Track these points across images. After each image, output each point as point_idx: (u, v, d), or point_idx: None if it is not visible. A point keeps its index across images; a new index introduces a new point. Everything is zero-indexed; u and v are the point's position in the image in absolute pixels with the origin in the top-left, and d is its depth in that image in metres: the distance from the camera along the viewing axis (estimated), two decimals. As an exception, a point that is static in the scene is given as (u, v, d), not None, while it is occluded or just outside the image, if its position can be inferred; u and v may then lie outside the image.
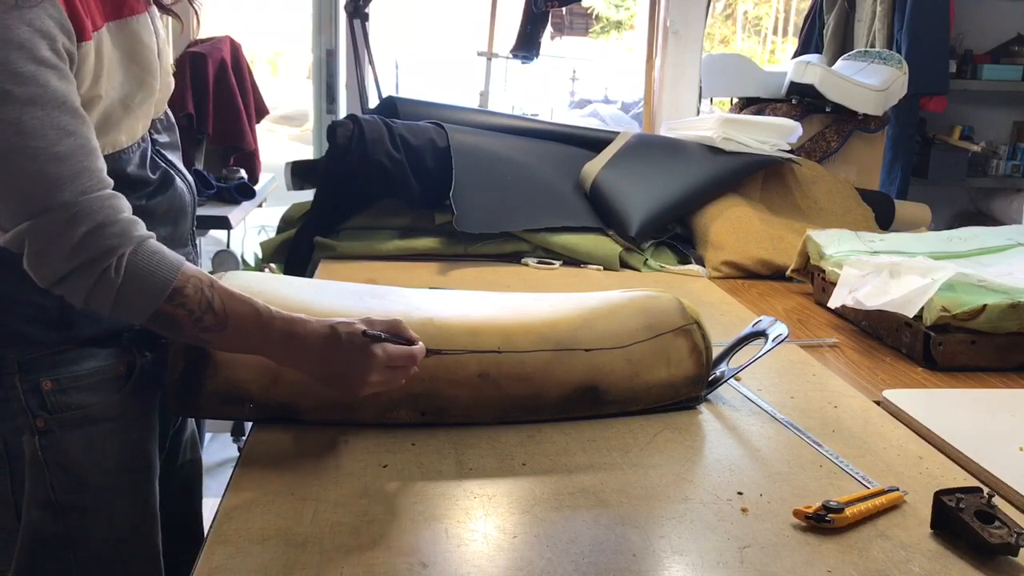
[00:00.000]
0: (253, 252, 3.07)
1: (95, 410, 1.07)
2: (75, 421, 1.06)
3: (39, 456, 1.05)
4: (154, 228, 0.99)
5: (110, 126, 1.01)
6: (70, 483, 1.07)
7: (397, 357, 0.97)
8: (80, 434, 1.07)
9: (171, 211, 1.13)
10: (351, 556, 0.79)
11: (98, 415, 1.08)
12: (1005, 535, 0.81)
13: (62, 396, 1.05)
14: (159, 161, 1.12)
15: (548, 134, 2.28)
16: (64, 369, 1.05)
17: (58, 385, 1.05)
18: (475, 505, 0.88)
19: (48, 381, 1.04)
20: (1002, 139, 3.67)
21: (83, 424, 1.07)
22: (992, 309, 1.34)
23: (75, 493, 1.07)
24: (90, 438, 1.08)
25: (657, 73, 3.03)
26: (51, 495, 1.06)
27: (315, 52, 3.14)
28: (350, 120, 1.99)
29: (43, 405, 1.05)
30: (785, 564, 0.80)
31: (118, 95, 1.02)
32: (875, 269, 1.48)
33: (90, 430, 1.07)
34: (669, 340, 1.13)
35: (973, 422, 1.12)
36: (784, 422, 1.12)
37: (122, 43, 1.03)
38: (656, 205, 1.99)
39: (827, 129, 2.41)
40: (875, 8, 3.22)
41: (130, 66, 1.04)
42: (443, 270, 1.79)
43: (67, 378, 1.05)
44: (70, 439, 1.06)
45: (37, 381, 1.04)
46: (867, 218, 2.13)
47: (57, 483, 1.06)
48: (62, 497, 1.06)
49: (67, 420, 1.06)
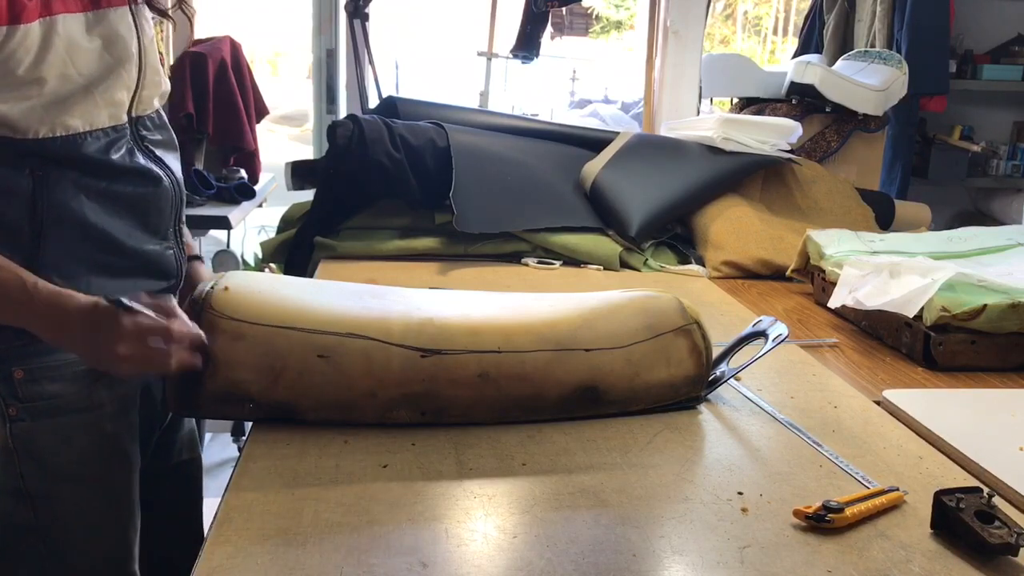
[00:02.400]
0: (253, 252, 3.07)
1: (65, 400, 1.09)
2: (46, 411, 1.09)
3: (9, 444, 1.08)
4: (116, 213, 1.06)
5: (62, 109, 1.04)
6: (39, 472, 1.09)
7: (147, 329, 0.96)
8: (50, 423, 1.09)
9: (141, 202, 1.14)
10: (351, 556, 0.79)
11: (68, 405, 1.10)
12: (1005, 535, 0.81)
13: (33, 386, 1.07)
14: (141, 156, 1.15)
15: (548, 134, 2.28)
16: (36, 359, 1.07)
17: (29, 375, 1.07)
18: (475, 505, 0.88)
19: (20, 370, 1.07)
20: (1002, 139, 3.67)
21: (53, 414, 1.09)
22: (992, 309, 1.34)
23: (44, 482, 1.10)
24: (60, 428, 1.10)
25: (657, 73, 3.03)
26: (20, 483, 1.09)
27: (315, 52, 3.14)
28: (350, 120, 1.98)
29: (14, 393, 1.07)
30: (785, 564, 0.80)
31: (83, 80, 1.05)
32: (875, 269, 1.48)
33: (60, 420, 1.10)
34: (669, 340, 1.13)
35: (973, 422, 1.12)
36: (784, 422, 1.12)
37: (100, 32, 1.07)
38: (656, 205, 1.99)
39: (827, 129, 2.41)
40: (875, 8, 3.22)
41: (102, 54, 1.08)
42: (443, 270, 1.79)
43: (38, 368, 1.07)
44: (40, 428, 1.09)
45: (9, 370, 1.07)
46: (867, 218, 2.13)
47: (26, 471, 1.09)
48: (31, 485, 1.09)
49: (38, 409, 1.08)
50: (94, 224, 1.09)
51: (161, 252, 1.19)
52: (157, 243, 1.18)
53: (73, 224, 1.07)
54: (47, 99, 1.03)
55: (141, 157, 1.15)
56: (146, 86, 1.15)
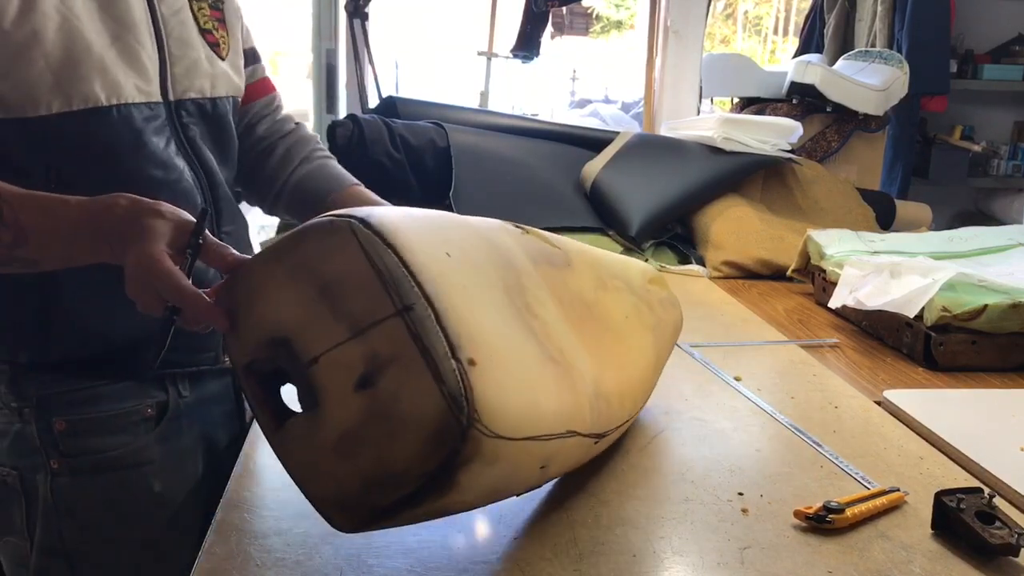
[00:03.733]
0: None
1: (111, 457, 0.97)
2: (89, 467, 0.97)
3: (49, 499, 0.97)
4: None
5: (74, 73, 0.87)
6: (79, 532, 0.98)
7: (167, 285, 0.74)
8: (93, 481, 0.97)
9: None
10: (351, 556, 0.79)
11: (113, 462, 0.98)
12: (1006, 536, 0.81)
13: (75, 439, 0.96)
14: (175, 148, 0.98)
15: (548, 134, 2.28)
16: (78, 409, 0.96)
17: (71, 427, 0.96)
18: (475, 505, 0.88)
19: (61, 421, 0.95)
20: (1003, 139, 3.67)
21: (97, 471, 0.97)
22: (993, 309, 1.34)
23: (84, 543, 0.98)
24: (103, 486, 0.98)
25: (657, 73, 3.03)
26: (58, 542, 0.98)
27: (315, 52, 3.13)
28: (350, 120, 1.99)
29: (56, 446, 0.96)
30: (785, 565, 0.80)
31: (92, 36, 0.88)
32: (876, 269, 1.48)
33: (105, 477, 0.98)
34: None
35: (974, 422, 1.12)
36: (784, 422, 1.12)
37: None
38: (656, 205, 1.98)
39: (827, 129, 2.41)
40: (875, 8, 3.22)
41: (104, 18, 0.91)
42: (443, 270, 1.79)
43: (80, 420, 0.96)
44: (82, 485, 0.97)
45: (50, 420, 0.95)
46: (868, 218, 2.13)
47: (66, 531, 0.98)
48: (71, 547, 0.98)
49: (80, 465, 0.97)
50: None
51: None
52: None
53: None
54: (54, 61, 0.85)
55: (174, 151, 0.98)
56: (177, 60, 0.98)
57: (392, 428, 0.64)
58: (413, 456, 0.64)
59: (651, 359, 0.96)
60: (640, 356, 0.93)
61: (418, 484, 0.65)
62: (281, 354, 0.68)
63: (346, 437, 0.65)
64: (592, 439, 0.80)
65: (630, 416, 0.91)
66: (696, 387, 1.23)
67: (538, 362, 0.72)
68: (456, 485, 0.65)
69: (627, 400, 0.88)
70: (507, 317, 0.72)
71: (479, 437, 0.64)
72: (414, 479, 0.64)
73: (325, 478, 0.68)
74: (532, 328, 0.75)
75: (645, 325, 0.97)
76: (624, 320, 0.92)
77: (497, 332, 0.69)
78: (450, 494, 0.66)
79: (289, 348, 0.68)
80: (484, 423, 0.64)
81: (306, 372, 0.67)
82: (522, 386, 0.69)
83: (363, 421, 0.64)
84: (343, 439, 0.65)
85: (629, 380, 0.88)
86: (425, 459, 0.64)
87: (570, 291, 0.87)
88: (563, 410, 0.73)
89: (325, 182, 1.17)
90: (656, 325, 1.00)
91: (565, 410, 0.73)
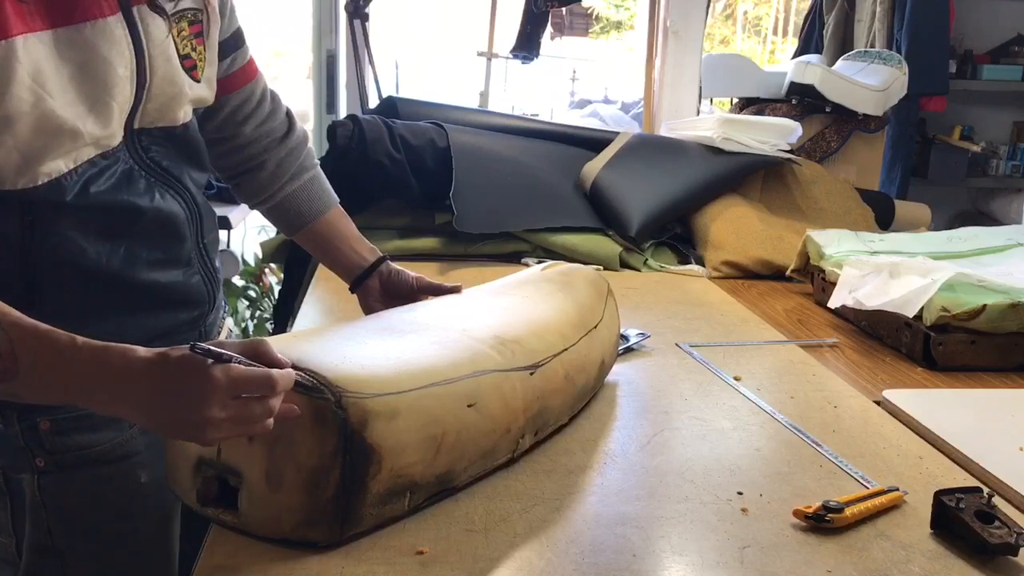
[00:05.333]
0: (253, 252, 3.06)
1: (95, 452, 0.99)
2: (74, 463, 0.98)
3: (37, 498, 0.98)
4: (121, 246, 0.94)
5: (42, 152, 0.86)
6: (68, 528, 0.99)
7: (246, 381, 0.74)
8: (80, 476, 0.99)
9: (148, 230, 0.99)
10: (351, 555, 0.79)
11: (99, 456, 0.99)
12: (1005, 535, 0.81)
13: (61, 437, 0.97)
14: (144, 178, 0.98)
15: (548, 134, 2.28)
16: (63, 408, 0.95)
17: (56, 426, 0.97)
18: (475, 504, 0.88)
19: (46, 421, 0.96)
20: (1002, 139, 3.68)
21: (83, 466, 0.99)
22: (992, 309, 1.34)
23: (73, 539, 0.99)
24: (90, 481, 0.99)
25: (657, 73, 3.03)
26: (48, 540, 0.99)
27: (315, 52, 3.13)
28: (350, 120, 1.99)
29: (41, 445, 0.97)
30: (785, 564, 0.80)
31: (63, 113, 0.86)
32: (875, 269, 1.48)
33: (90, 472, 0.99)
34: (609, 298, 1.22)
35: (973, 422, 1.12)
36: (784, 422, 1.12)
37: (73, 55, 0.87)
38: (656, 205, 1.99)
39: (827, 129, 2.41)
40: (875, 8, 3.22)
41: (80, 80, 0.88)
42: (443, 270, 1.79)
43: (64, 419, 0.97)
44: (69, 481, 0.98)
45: (35, 421, 0.96)
46: (867, 218, 2.13)
47: (55, 527, 0.99)
48: (59, 542, 0.99)
49: (67, 461, 0.98)
50: (96, 264, 0.94)
51: (184, 280, 1.04)
52: (178, 271, 1.03)
53: (73, 267, 0.93)
54: (22, 143, 0.84)
55: (142, 181, 0.97)
56: (153, 98, 0.97)
57: (292, 439, 0.77)
58: (315, 444, 0.77)
59: (561, 302, 1.12)
60: (547, 306, 1.10)
61: (341, 462, 0.77)
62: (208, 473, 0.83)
63: (267, 474, 0.78)
64: (524, 371, 0.95)
65: (567, 345, 1.04)
66: (696, 387, 1.23)
67: (398, 346, 0.90)
68: (377, 448, 0.78)
69: (549, 334, 1.03)
70: (383, 340, 0.91)
71: (356, 401, 0.77)
72: (332, 460, 0.77)
73: (276, 512, 0.79)
74: (405, 336, 0.93)
75: (553, 287, 1.16)
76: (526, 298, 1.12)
77: (358, 351, 0.86)
78: (385, 458, 0.79)
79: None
80: (353, 390, 0.78)
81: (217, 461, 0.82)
82: (387, 361, 0.85)
83: (269, 454, 0.78)
84: (267, 477, 0.78)
85: (542, 321, 1.05)
86: (324, 440, 0.77)
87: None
88: (443, 364, 0.88)
89: (307, 204, 1.25)
90: (565, 283, 1.18)
91: (455, 361, 0.89)
